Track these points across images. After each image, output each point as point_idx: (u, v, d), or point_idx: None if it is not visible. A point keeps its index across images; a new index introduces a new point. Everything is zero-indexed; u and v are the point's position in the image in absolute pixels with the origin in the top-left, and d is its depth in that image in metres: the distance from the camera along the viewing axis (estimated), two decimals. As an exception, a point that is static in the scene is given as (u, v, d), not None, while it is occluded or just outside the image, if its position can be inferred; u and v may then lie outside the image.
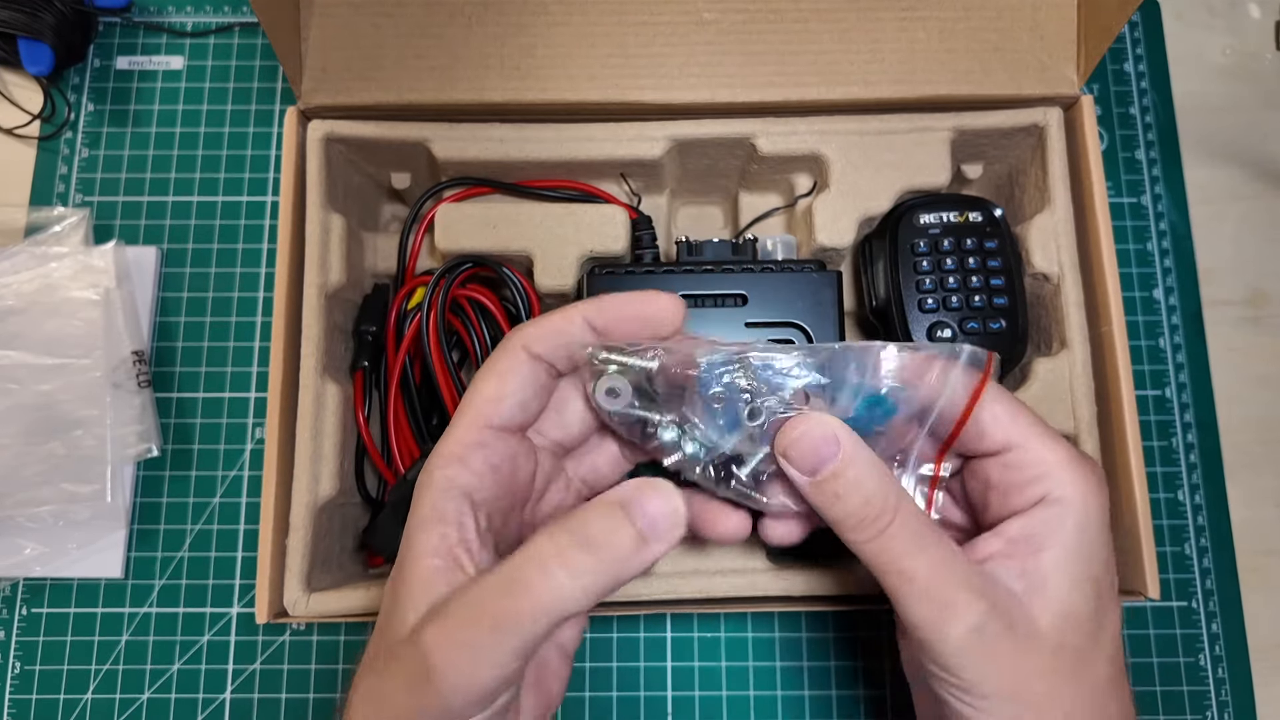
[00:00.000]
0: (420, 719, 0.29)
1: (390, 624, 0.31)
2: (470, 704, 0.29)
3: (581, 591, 0.28)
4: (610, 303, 0.33)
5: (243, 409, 0.55)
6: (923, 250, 0.49)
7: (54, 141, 0.59)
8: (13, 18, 0.56)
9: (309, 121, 0.49)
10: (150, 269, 0.56)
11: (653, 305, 0.33)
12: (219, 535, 0.53)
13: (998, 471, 0.34)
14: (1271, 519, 0.55)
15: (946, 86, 0.49)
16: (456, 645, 0.28)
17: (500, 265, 0.49)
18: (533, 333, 0.33)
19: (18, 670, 0.51)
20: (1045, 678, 0.31)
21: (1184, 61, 0.62)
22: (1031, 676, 0.31)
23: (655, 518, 0.29)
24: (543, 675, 0.35)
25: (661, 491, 0.29)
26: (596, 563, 0.28)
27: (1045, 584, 0.32)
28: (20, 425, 0.51)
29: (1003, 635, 0.31)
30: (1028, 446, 0.33)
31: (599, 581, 0.28)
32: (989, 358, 0.33)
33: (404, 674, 0.29)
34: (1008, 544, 0.33)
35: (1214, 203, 0.60)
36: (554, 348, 0.33)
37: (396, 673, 0.30)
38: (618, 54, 0.49)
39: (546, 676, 0.35)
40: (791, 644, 0.52)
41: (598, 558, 0.28)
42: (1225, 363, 0.57)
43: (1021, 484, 0.33)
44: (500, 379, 0.33)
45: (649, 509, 0.29)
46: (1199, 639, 0.53)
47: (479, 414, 0.33)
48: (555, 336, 0.33)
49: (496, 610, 0.28)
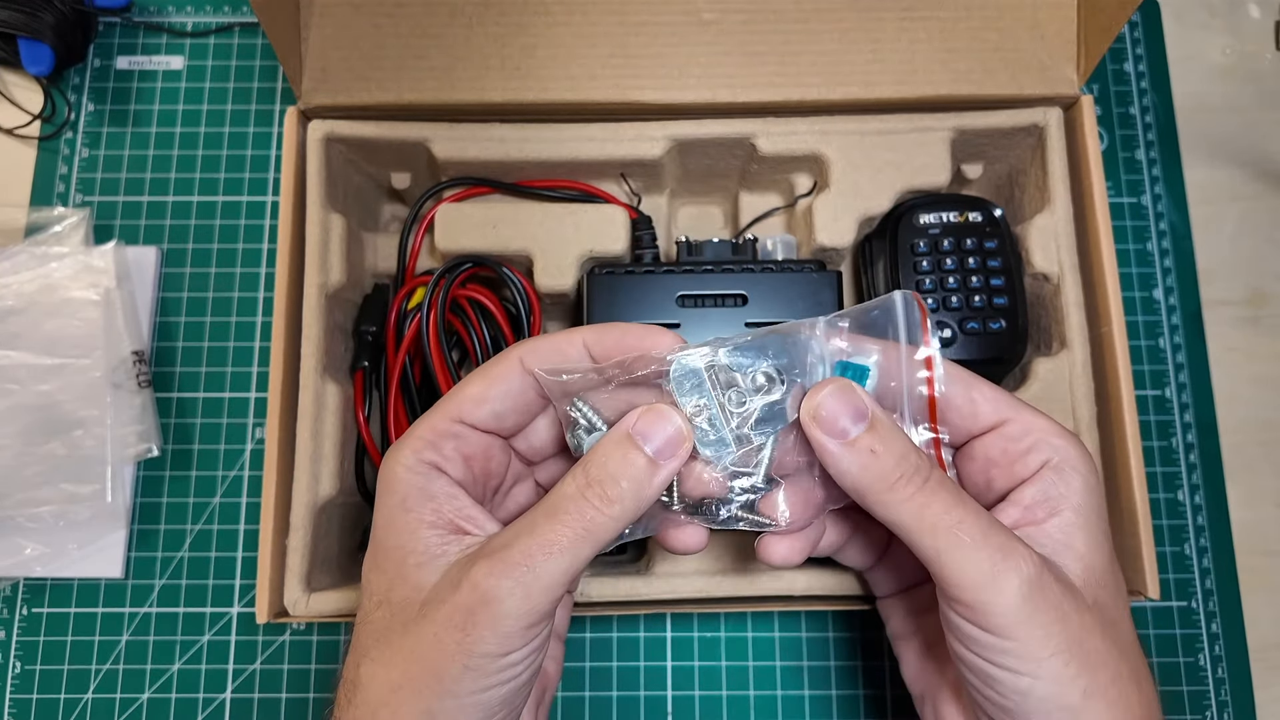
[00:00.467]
0: (469, 657, 0.30)
1: (393, 597, 0.32)
2: (526, 629, 0.30)
3: (613, 519, 0.31)
4: (611, 332, 0.34)
5: (243, 409, 0.55)
6: (923, 250, 0.49)
7: (54, 141, 0.59)
8: (13, 18, 0.56)
9: (309, 121, 0.49)
10: (150, 269, 0.56)
11: (651, 340, 0.34)
12: (219, 535, 0.53)
13: (998, 446, 0.34)
14: (1271, 519, 0.55)
15: (947, 86, 0.49)
16: (511, 571, 0.30)
17: (500, 265, 0.49)
18: (532, 347, 0.34)
19: (18, 670, 0.51)
20: (1094, 635, 0.31)
21: (1184, 62, 0.62)
22: (1084, 634, 0.30)
23: (661, 441, 0.31)
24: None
25: (661, 415, 0.32)
26: (621, 491, 0.31)
27: (1070, 543, 0.32)
28: (20, 425, 0.51)
29: (1056, 586, 0.30)
30: (1020, 418, 0.34)
31: (626, 507, 0.31)
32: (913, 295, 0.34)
33: (444, 620, 0.30)
34: (1025, 510, 0.33)
35: (1214, 203, 0.60)
36: (551, 367, 0.34)
37: (433, 623, 0.30)
38: (618, 54, 0.49)
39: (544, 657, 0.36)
40: (791, 644, 0.52)
41: (621, 486, 0.31)
42: (1225, 363, 0.57)
43: (1023, 453, 0.33)
44: (488, 383, 0.34)
45: (653, 435, 0.31)
46: (1198, 639, 0.53)
47: (458, 409, 0.34)
48: (554, 356, 0.34)
49: (545, 538, 0.30)
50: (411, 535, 0.32)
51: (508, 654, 0.30)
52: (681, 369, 0.33)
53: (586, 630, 0.52)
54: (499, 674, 0.30)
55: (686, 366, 0.33)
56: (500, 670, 0.30)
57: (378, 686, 0.31)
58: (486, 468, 0.35)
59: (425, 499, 0.32)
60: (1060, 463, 0.33)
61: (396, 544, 0.32)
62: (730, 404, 0.33)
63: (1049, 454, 0.33)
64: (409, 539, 0.32)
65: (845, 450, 0.31)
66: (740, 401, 0.33)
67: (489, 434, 0.35)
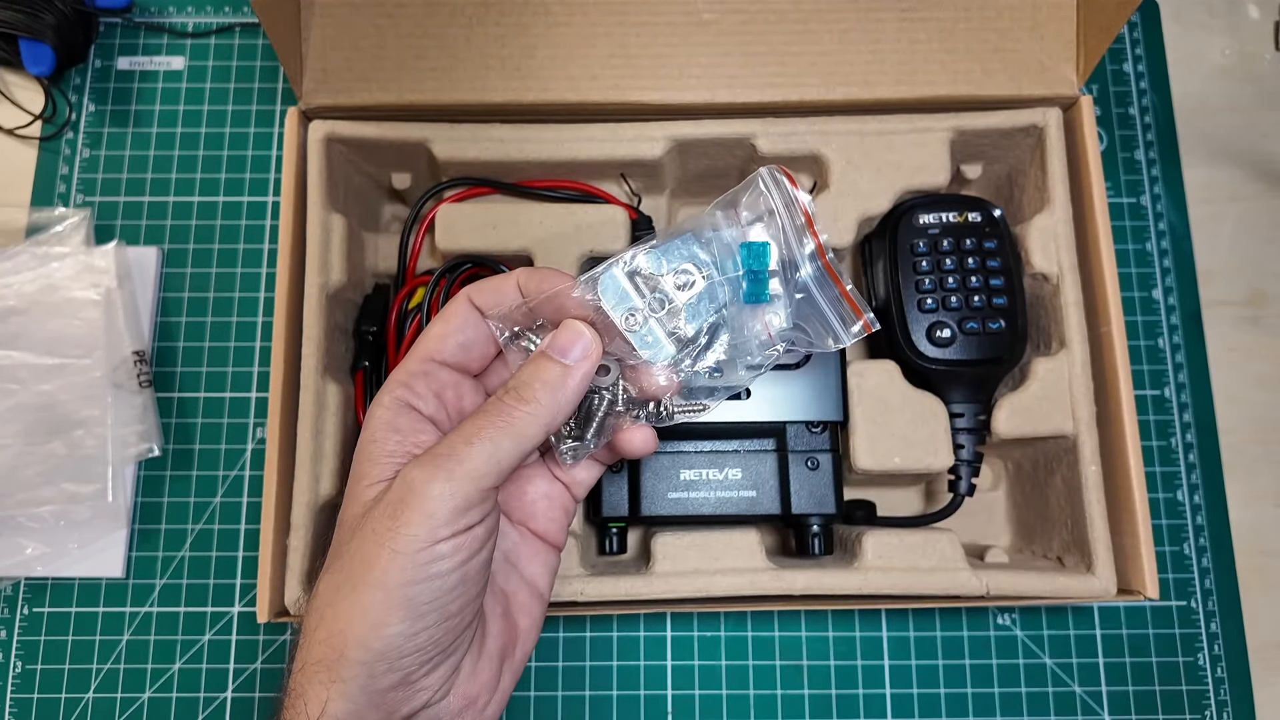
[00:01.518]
0: (396, 541, 0.32)
1: (347, 518, 0.35)
2: (452, 515, 0.32)
3: (531, 415, 0.34)
4: (537, 274, 0.37)
5: (244, 409, 0.55)
6: (922, 250, 0.49)
7: (55, 142, 0.59)
8: (14, 18, 0.56)
9: (310, 122, 0.49)
10: (151, 269, 0.56)
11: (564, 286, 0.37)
12: (220, 535, 0.53)
13: None
14: (1270, 519, 0.56)
15: (946, 87, 0.49)
16: (435, 461, 0.33)
17: (500, 265, 0.50)
18: (477, 285, 0.38)
19: (19, 669, 0.52)
20: None
21: (1183, 62, 0.62)
22: None
23: (573, 349, 0.35)
24: (509, 607, 0.38)
25: (569, 328, 0.35)
26: (535, 392, 0.34)
27: None
28: (21, 425, 0.51)
29: None
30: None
31: (543, 404, 0.34)
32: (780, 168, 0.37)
33: (378, 515, 0.33)
34: None
35: (1213, 203, 0.60)
36: (492, 303, 0.38)
37: (369, 519, 0.33)
38: (618, 54, 0.49)
39: (513, 609, 0.38)
40: (791, 643, 0.52)
41: (534, 388, 0.34)
42: (1224, 363, 0.57)
43: None
44: (445, 321, 0.38)
45: (565, 345, 0.35)
46: (1198, 638, 0.53)
47: (425, 349, 0.37)
48: (493, 293, 0.38)
49: (468, 430, 0.33)
50: (370, 462, 0.35)
51: (435, 543, 0.32)
52: (606, 282, 0.35)
53: (587, 630, 0.52)
54: (426, 566, 0.32)
55: (610, 280, 0.35)
56: (428, 562, 0.32)
57: (323, 593, 0.33)
58: (460, 405, 0.38)
59: (391, 431, 0.35)
60: None
61: (357, 472, 0.35)
62: (656, 308, 0.36)
63: None
64: (367, 465, 0.35)
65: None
66: (663, 302, 0.36)
67: (460, 371, 0.38)
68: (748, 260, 0.37)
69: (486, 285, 0.38)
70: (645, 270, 0.36)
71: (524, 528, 0.40)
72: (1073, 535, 0.47)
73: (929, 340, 0.48)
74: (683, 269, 0.36)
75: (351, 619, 0.32)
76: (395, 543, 0.32)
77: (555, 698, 0.51)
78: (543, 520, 0.40)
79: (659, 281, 0.36)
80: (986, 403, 0.49)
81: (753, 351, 0.37)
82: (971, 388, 0.49)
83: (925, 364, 0.48)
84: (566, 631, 0.52)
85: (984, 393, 0.49)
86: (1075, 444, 0.47)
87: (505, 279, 0.38)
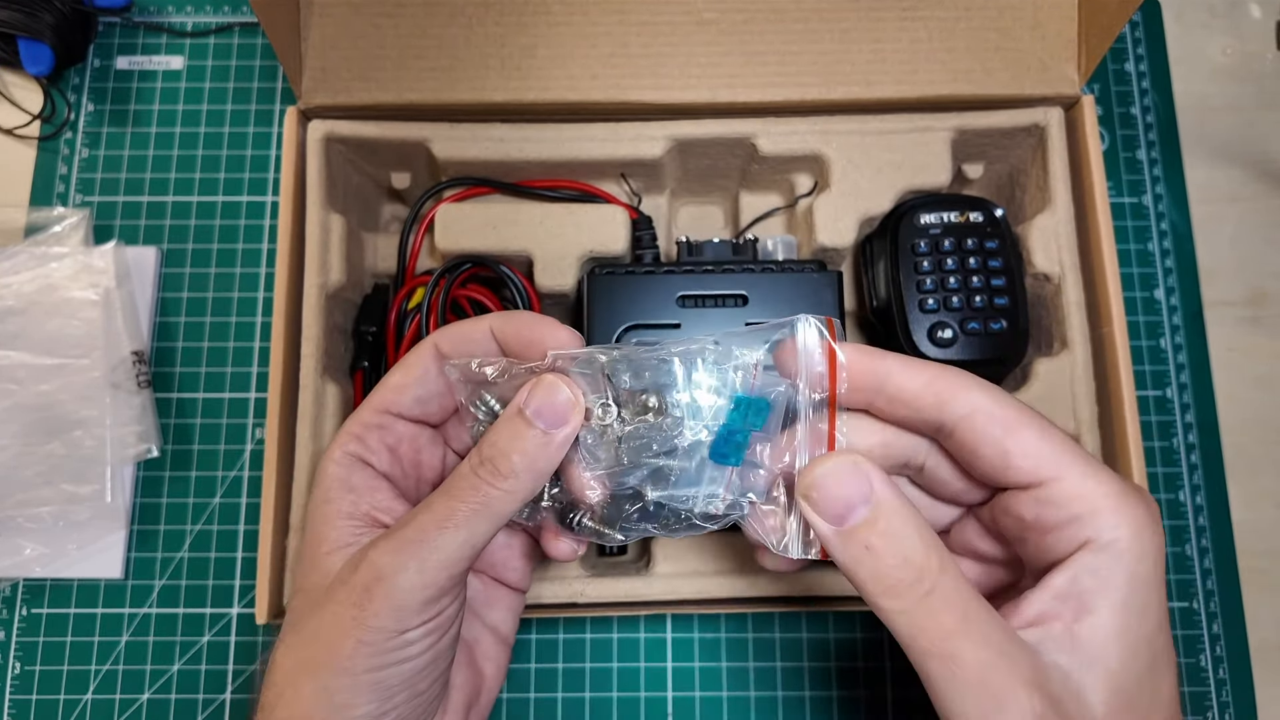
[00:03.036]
0: (363, 631, 0.30)
1: (306, 585, 0.33)
2: (422, 605, 0.30)
3: (507, 493, 0.31)
4: (516, 320, 0.34)
5: (243, 409, 0.55)
6: (923, 250, 0.49)
7: (54, 141, 0.59)
8: (13, 18, 0.55)
9: (309, 121, 0.49)
10: (150, 269, 0.56)
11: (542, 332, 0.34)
12: (219, 536, 0.53)
13: (1032, 509, 0.29)
14: (1272, 519, 0.55)
15: (947, 86, 0.49)
16: (405, 547, 0.30)
17: (500, 265, 0.49)
18: (445, 333, 0.35)
19: (18, 671, 0.51)
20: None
21: (1185, 62, 0.62)
22: None
23: (550, 412, 0.31)
24: (474, 655, 0.37)
25: (548, 385, 0.31)
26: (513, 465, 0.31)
27: (1098, 657, 0.27)
28: (20, 425, 0.51)
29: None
30: (1065, 479, 0.28)
31: (521, 480, 0.31)
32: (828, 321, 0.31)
33: (342, 598, 0.30)
34: (1054, 601, 0.28)
35: (1215, 203, 0.60)
36: (460, 352, 0.35)
37: (333, 601, 0.31)
38: (618, 54, 0.49)
39: (478, 657, 0.37)
40: (792, 644, 0.52)
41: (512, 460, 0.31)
42: (1226, 363, 0.57)
43: (1062, 524, 0.28)
44: (405, 371, 0.35)
45: (542, 407, 0.31)
46: (1200, 639, 0.53)
47: (381, 400, 0.35)
48: (463, 341, 0.35)
49: (441, 512, 0.31)
50: (328, 525, 0.33)
51: (404, 631, 0.30)
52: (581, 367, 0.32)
53: (587, 631, 0.52)
54: (395, 652, 0.30)
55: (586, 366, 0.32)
56: (397, 649, 0.30)
57: (284, 668, 0.32)
58: (416, 459, 0.36)
59: (345, 490, 0.33)
60: (1107, 543, 0.28)
61: (312, 535, 0.34)
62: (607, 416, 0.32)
63: (1095, 531, 0.28)
64: (324, 528, 0.33)
65: (839, 539, 0.28)
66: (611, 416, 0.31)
67: (418, 423, 0.36)
68: (734, 416, 0.31)
69: (455, 331, 0.35)
70: (622, 373, 0.31)
71: (485, 576, 0.38)
72: (1074, 536, 0.47)
73: (930, 341, 0.48)
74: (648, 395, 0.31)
75: (316, 702, 0.30)
76: (361, 633, 0.30)
77: (555, 699, 0.51)
78: (503, 568, 0.38)
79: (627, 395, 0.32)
80: (988, 403, 0.49)
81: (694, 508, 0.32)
82: (973, 388, 0.49)
83: (926, 364, 0.48)
84: (566, 633, 0.52)
85: (985, 393, 0.49)
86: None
87: (476, 324, 0.35)
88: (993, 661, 0.26)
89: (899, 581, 0.27)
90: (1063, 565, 0.28)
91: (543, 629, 0.52)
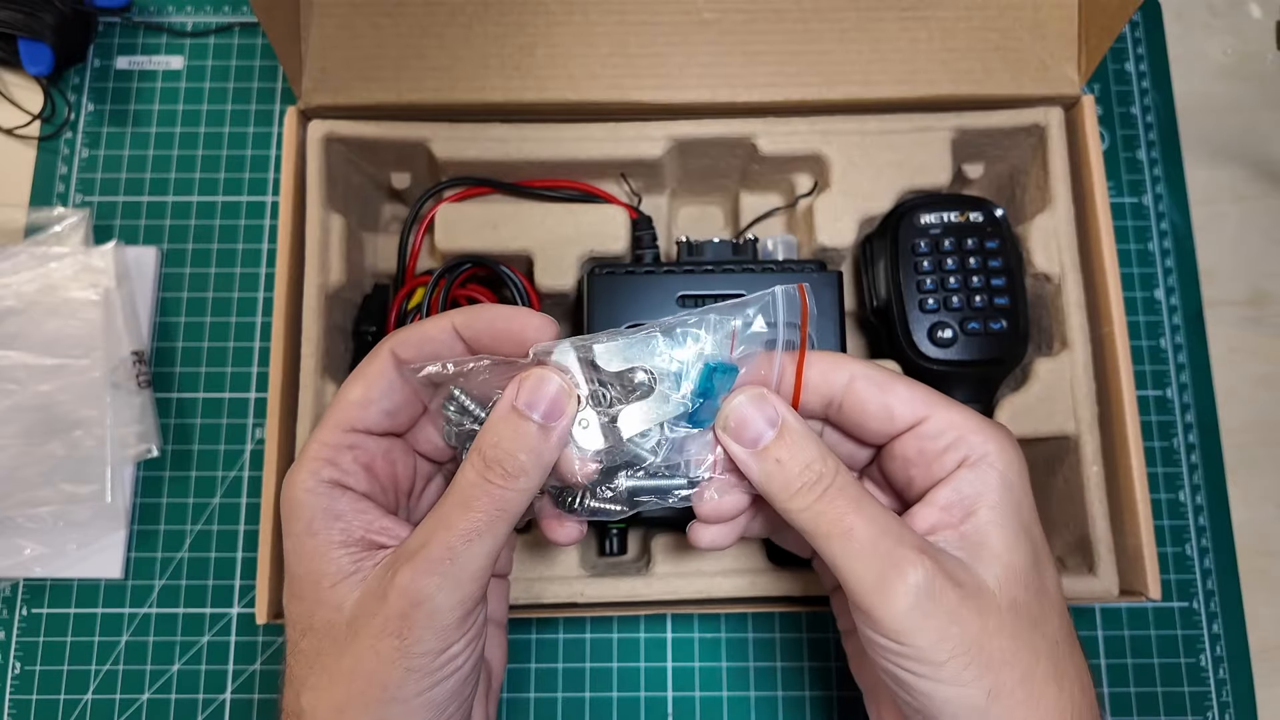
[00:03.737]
0: (409, 659, 0.30)
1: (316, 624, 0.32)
2: (461, 620, 0.30)
3: (521, 492, 0.31)
4: (481, 314, 0.33)
5: (243, 409, 0.55)
6: (924, 250, 0.49)
7: (54, 141, 0.59)
8: (13, 18, 0.55)
9: (309, 121, 0.49)
10: (150, 269, 0.56)
11: (520, 322, 0.33)
12: (219, 536, 0.53)
13: (914, 446, 0.34)
14: (1272, 519, 0.55)
15: (947, 86, 0.49)
16: (435, 567, 0.30)
17: (500, 265, 0.49)
18: (402, 338, 0.33)
19: (18, 670, 0.51)
20: (1000, 637, 0.30)
21: (1185, 61, 0.62)
22: (985, 636, 0.30)
23: (546, 404, 0.31)
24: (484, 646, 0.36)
25: (539, 379, 0.31)
26: (521, 463, 0.31)
27: (984, 543, 0.32)
28: (20, 425, 0.51)
29: (951, 592, 0.30)
30: (937, 414, 0.33)
31: (532, 478, 0.31)
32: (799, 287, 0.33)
33: (378, 631, 0.30)
34: (941, 511, 0.33)
35: (1215, 203, 0.60)
36: (422, 355, 0.33)
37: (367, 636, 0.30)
38: (618, 53, 0.49)
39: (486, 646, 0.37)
40: (792, 644, 0.52)
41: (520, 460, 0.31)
42: (1226, 363, 0.57)
43: (940, 451, 0.33)
44: (367, 384, 0.33)
45: (536, 400, 0.31)
46: (1200, 639, 0.53)
47: (345, 417, 0.33)
48: (424, 343, 0.33)
49: (462, 528, 0.30)
50: (322, 559, 0.32)
51: (447, 648, 0.31)
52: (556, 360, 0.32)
53: (587, 631, 0.52)
54: (442, 669, 0.31)
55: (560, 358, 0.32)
56: (442, 666, 0.31)
57: (323, 711, 0.31)
58: (392, 472, 0.35)
59: (331, 519, 0.32)
60: (977, 459, 0.32)
61: (308, 570, 0.32)
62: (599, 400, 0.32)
63: (968, 450, 0.33)
64: (320, 563, 0.32)
65: (753, 458, 0.32)
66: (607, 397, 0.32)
67: (386, 436, 0.34)
68: (705, 382, 0.32)
69: (413, 334, 0.33)
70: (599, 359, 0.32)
71: None
72: (1074, 536, 0.47)
73: (930, 340, 0.48)
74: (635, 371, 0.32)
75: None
76: (408, 661, 0.30)
77: (555, 699, 0.51)
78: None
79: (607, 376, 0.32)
80: (988, 403, 0.49)
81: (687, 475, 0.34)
82: (973, 388, 0.49)
83: (927, 364, 0.48)
84: (566, 633, 0.52)
85: (986, 393, 0.49)
86: (1077, 445, 0.47)
87: (436, 323, 0.33)
88: (883, 531, 0.31)
89: (804, 484, 0.31)
90: (944, 481, 0.33)
91: (543, 629, 0.52)
